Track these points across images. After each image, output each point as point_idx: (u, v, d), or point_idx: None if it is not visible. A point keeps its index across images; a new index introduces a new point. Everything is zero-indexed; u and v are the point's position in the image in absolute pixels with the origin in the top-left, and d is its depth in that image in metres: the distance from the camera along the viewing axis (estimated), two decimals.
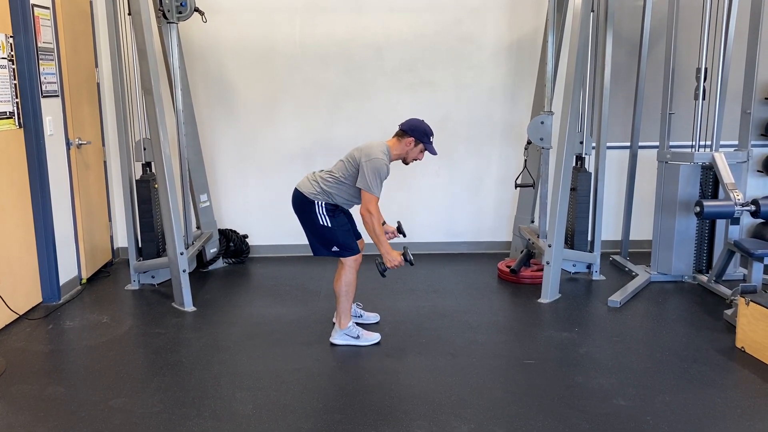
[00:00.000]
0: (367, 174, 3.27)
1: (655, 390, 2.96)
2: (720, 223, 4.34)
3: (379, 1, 4.95)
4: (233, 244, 5.07)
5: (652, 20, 4.65)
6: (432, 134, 3.45)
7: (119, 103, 4.27)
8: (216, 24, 4.82)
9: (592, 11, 4.29)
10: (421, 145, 3.43)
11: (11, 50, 3.77)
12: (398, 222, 3.69)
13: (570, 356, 3.34)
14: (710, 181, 4.32)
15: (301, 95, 5.07)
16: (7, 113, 3.74)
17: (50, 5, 4.10)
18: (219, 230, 5.03)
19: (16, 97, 3.82)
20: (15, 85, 3.80)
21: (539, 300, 4.14)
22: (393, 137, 3.46)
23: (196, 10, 4.42)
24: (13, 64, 3.78)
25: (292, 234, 5.05)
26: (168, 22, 4.37)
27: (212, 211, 5.00)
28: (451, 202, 5.30)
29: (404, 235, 3.66)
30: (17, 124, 3.83)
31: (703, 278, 4.36)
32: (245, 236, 5.18)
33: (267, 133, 5.12)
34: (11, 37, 3.77)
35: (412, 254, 3.37)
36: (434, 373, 3.15)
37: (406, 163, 3.51)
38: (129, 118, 4.35)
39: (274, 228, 5.21)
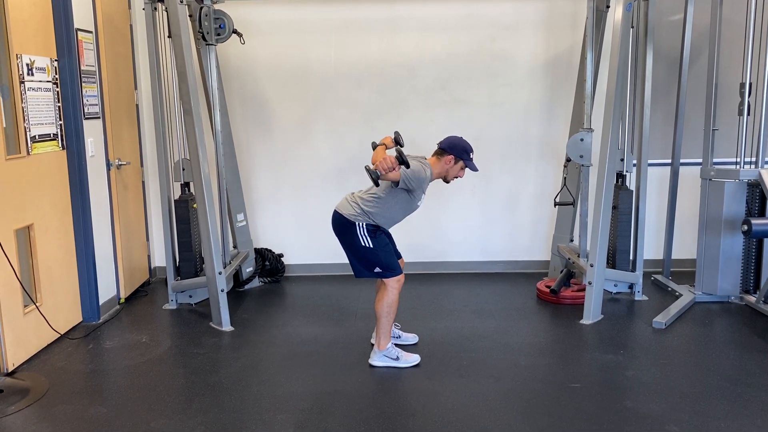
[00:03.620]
0: (405, 173, 3.21)
1: (709, 416, 2.85)
2: None
3: (413, 21, 4.95)
4: (269, 263, 5.07)
5: (693, 35, 4.57)
6: (471, 150, 3.42)
7: (158, 124, 4.33)
8: (253, 45, 4.87)
9: (632, 27, 4.23)
10: (461, 162, 3.40)
11: (55, 73, 3.85)
12: (395, 132, 3.55)
13: (617, 379, 3.24)
14: (757, 198, 4.20)
15: (334, 114, 5.08)
16: (51, 135, 3.80)
17: (93, 29, 4.18)
18: (255, 249, 5.04)
19: (60, 119, 3.89)
20: (59, 107, 3.87)
21: (581, 321, 4.05)
22: (432, 156, 3.44)
23: (235, 32, 4.47)
24: (57, 87, 3.86)
25: (326, 253, 5.05)
26: (207, 44, 4.42)
27: (248, 230, 5.01)
28: (486, 221, 5.24)
29: (401, 146, 3.48)
30: (60, 145, 3.89)
31: (751, 299, 4.23)
32: (280, 255, 5.18)
33: (301, 152, 5.14)
34: (56, 60, 3.85)
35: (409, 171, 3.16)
36: (478, 396, 3.08)
37: (447, 182, 3.48)
38: (168, 139, 4.41)
39: (308, 247, 5.20)
